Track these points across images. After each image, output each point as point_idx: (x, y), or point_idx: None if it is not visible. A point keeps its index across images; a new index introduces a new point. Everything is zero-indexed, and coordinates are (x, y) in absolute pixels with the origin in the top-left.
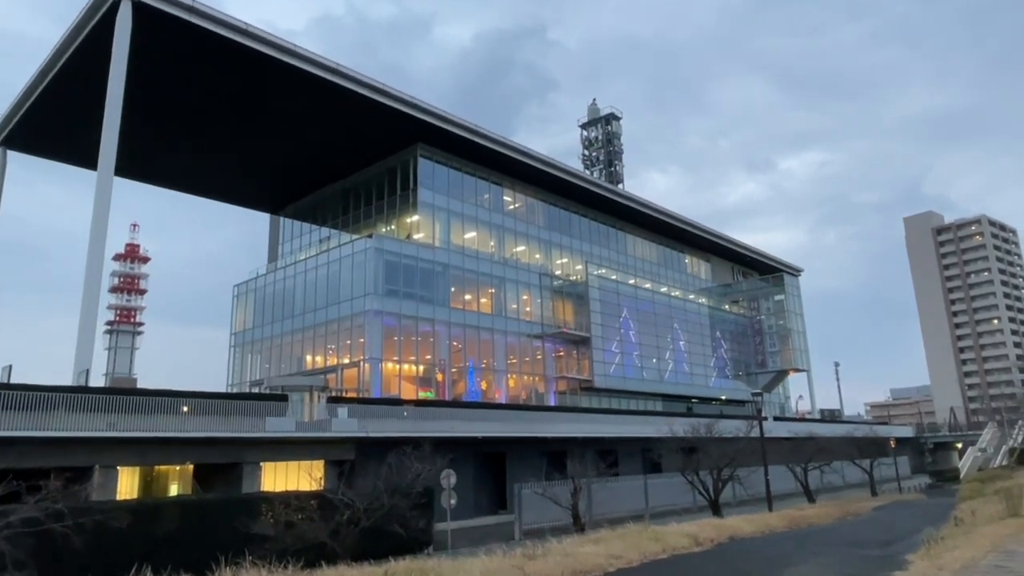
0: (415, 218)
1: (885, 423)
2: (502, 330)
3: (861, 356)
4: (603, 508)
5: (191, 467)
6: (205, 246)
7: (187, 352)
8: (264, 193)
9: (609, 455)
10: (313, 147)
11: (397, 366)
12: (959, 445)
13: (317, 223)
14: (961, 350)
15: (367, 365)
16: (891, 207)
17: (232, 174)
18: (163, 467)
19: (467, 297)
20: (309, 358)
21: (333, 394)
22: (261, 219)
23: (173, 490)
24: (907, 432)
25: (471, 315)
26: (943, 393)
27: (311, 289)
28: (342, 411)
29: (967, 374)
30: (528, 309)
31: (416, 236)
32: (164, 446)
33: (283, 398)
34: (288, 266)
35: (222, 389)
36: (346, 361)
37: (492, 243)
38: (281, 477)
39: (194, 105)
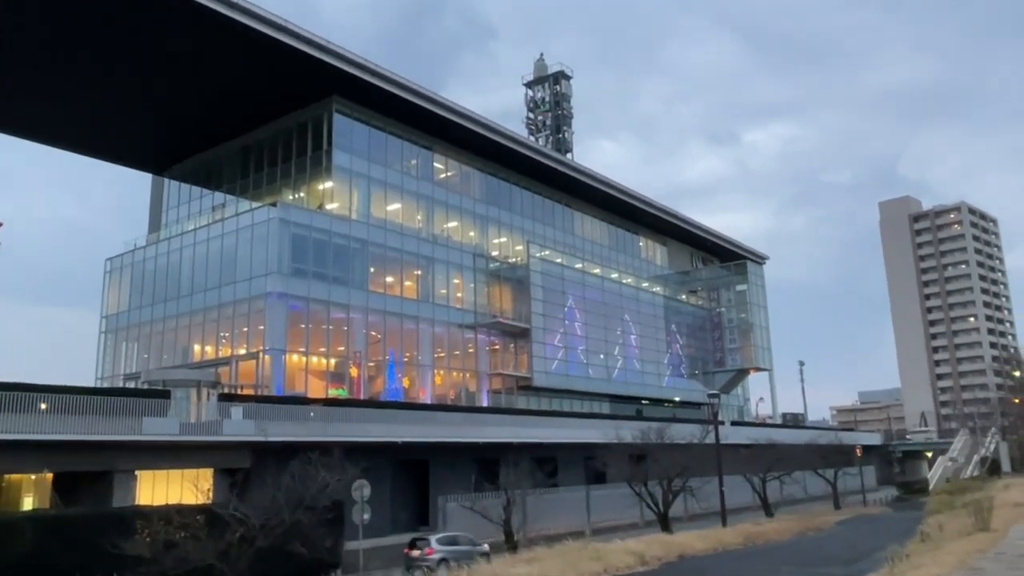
0: (328, 185)
1: (851, 429)
2: (429, 318)
3: (828, 355)
4: (540, 523)
5: (50, 476)
6: (68, 211)
7: (46, 338)
8: (145, 149)
9: (548, 463)
10: (206, 95)
11: (304, 359)
12: (929, 454)
13: (210, 187)
14: (935, 350)
15: (268, 357)
16: (864, 189)
17: (104, 124)
18: (15, 476)
19: (388, 279)
20: (197, 348)
21: (226, 391)
22: (141, 181)
23: (27, 503)
24: (875, 440)
25: (393, 300)
26: (914, 396)
27: (201, 266)
28: (236, 411)
29: (940, 376)
30: (459, 295)
31: (329, 206)
32: (16, 451)
33: (165, 395)
34: (174, 237)
35: (90, 383)
36: (242, 352)
37: (419, 217)
38: (161, 488)
39: (50, 36)
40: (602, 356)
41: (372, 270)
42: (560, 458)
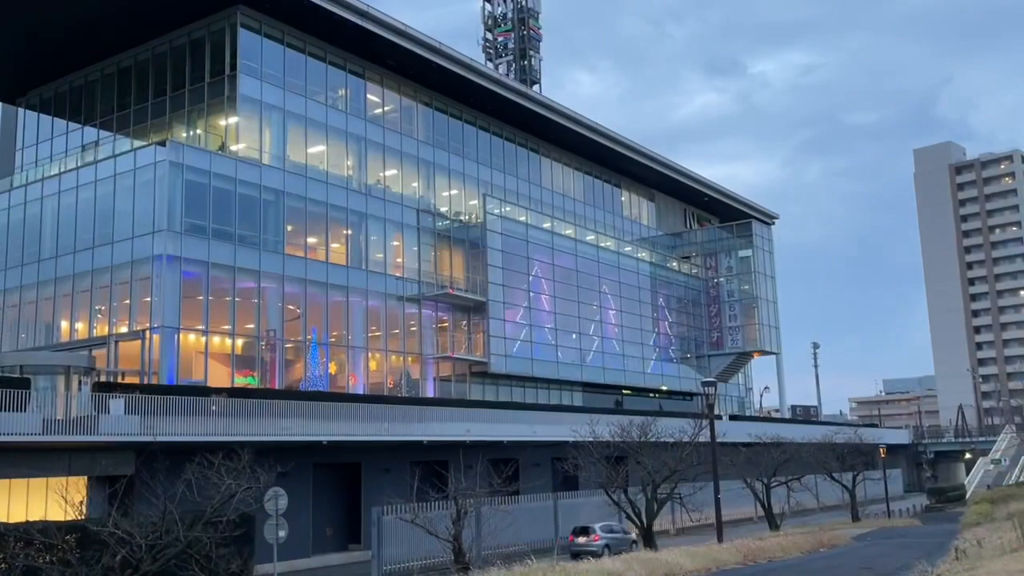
0: (233, 120)
1: (874, 425)
2: (361, 289)
3: (848, 336)
4: (497, 539)
5: None
6: None
7: None
8: None
9: (508, 466)
10: (72, 2)
11: (203, 339)
12: (967, 455)
13: (78, 120)
14: (976, 330)
15: (156, 337)
16: (895, 134)
17: None
18: None
19: (311, 240)
20: (65, 325)
21: (103, 379)
22: None
23: None
24: (902, 438)
25: (316, 267)
26: (951, 386)
27: (68, 221)
28: (117, 404)
29: (982, 362)
30: (399, 260)
31: (234, 147)
32: None
33: (23, 384)
34: (31, 184)
35: None
36: (123, 331)
37: (349, 163)
38: (19, 501)
39: None
40: (574, 336)
41: (289, 228)
42: (523, 460)
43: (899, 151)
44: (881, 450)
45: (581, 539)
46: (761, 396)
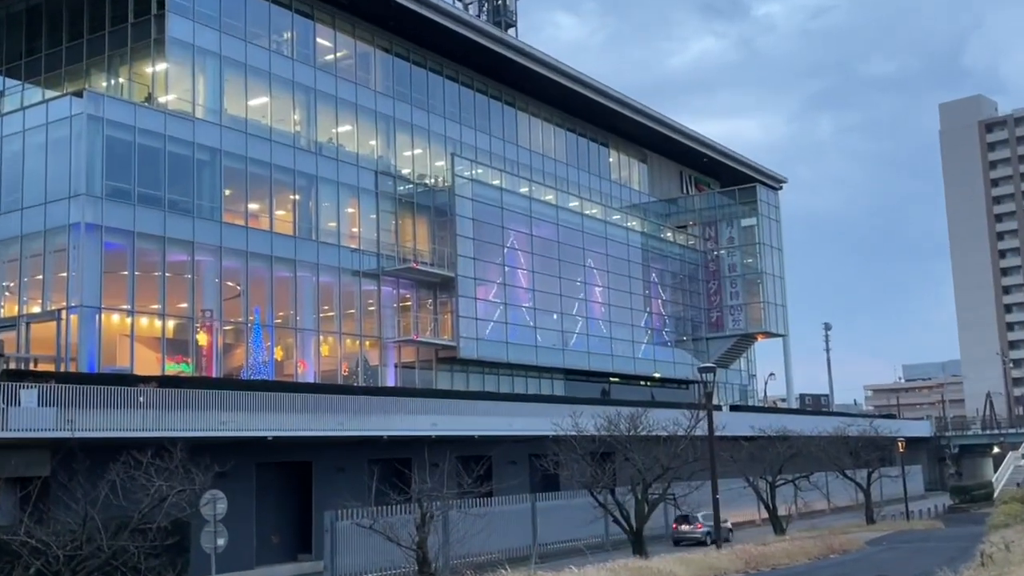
0: (161, 67)
1: (892, 416)
2: (311, 263)
3: (864, 316)
4: (467, 546)
5: None
6: None
7: None
8: None
9: (479, 463)
10: None
11: (128, 320)
12: (995, 450)
13: None
14: (1008, 309)
15: (74, 317)
16: (917, 85)
17: None
18: None
19: (253, 207)
20: None
21: (12, 366)
22: None
23: None
24: (923, 430)
25: (259, 237)
26: (978, 372)
27: None
28: (29, 395)
29: (1014, 345)
30: (355, 230)
31: (164, 98)
32: None
33: None
34: None
35: None
36: (36, 311)
37: (297, 118)
38: None
39: None
40: (555, 316)
41: (228, 193)
42: (496, 457)
43: (922, 106)
44: (899, 444)
45: (684, 527)
46: (766, 384)
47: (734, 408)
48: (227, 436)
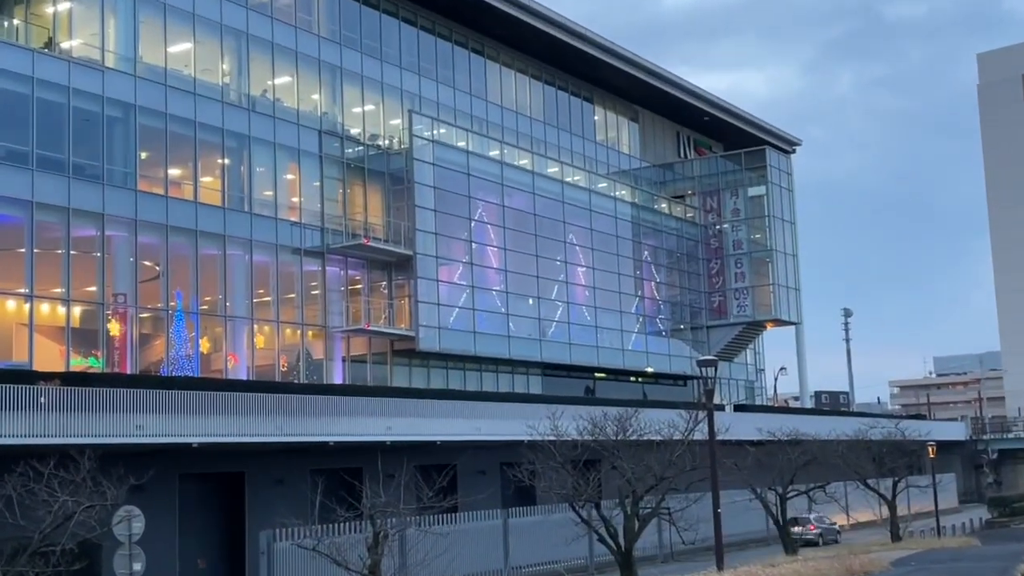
0: (65, 6)
1: (922, 416)
2: (243, 239)
3: (889, 301)
4: (429, 569)
5: None
6: None
7: None
8: None
9: (442, 473)
10: None
11: (25, 306)
12: None
13: None
14: None
15: None
16: (950, 32)
17: None
18: None
19: (174, 173)
20: None
21: None
22: None
23: None
24: (957, 433)
25: (181, 208)
26: (1021, 366)
27: None
28: None
29: None
30: (296, 200)
31: (67, 44)
32: None
33: None
34: None
35: None
36: None
37: (225, 68)
38: None
39: None
40: (531, 302)
41: (144, 156)
42: (462, 466)
43: (957, 56)
44: (930, 449)
45: (797, 528)
46: (776, 379)
47: (739, 408)
48: (144, 443)
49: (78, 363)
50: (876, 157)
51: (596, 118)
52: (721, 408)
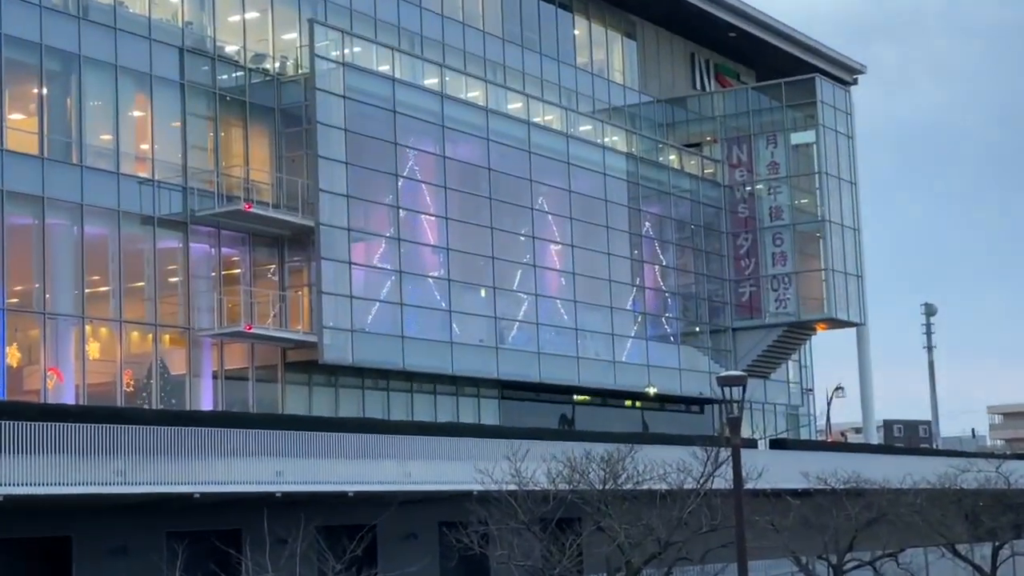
0: None
1: None
2: (70, 203)
3: (987, 292)
4: None
5: None
6: None
7: None
8: None
9: (356, 537)
10: None
11: None
12: None
13: None
14: None
15: None
16: None
17: None
18: None
19: None
20: None
21: None
22: None
23: None
24: None
25: None
26: None
27: None
28: None
29: None
30: (146, 147)
31: None
32: None
33: None
34: None
35: None
36: None
37: None
38: None
39: None
40: (484, 294)
41: None
42: (385, 527)
43: None
44: None
45: None
46: (829, 404)
47: (777, 444)
48: None
49: None
50: (970, 91)
51: (577, 32)
52: (752, 445)
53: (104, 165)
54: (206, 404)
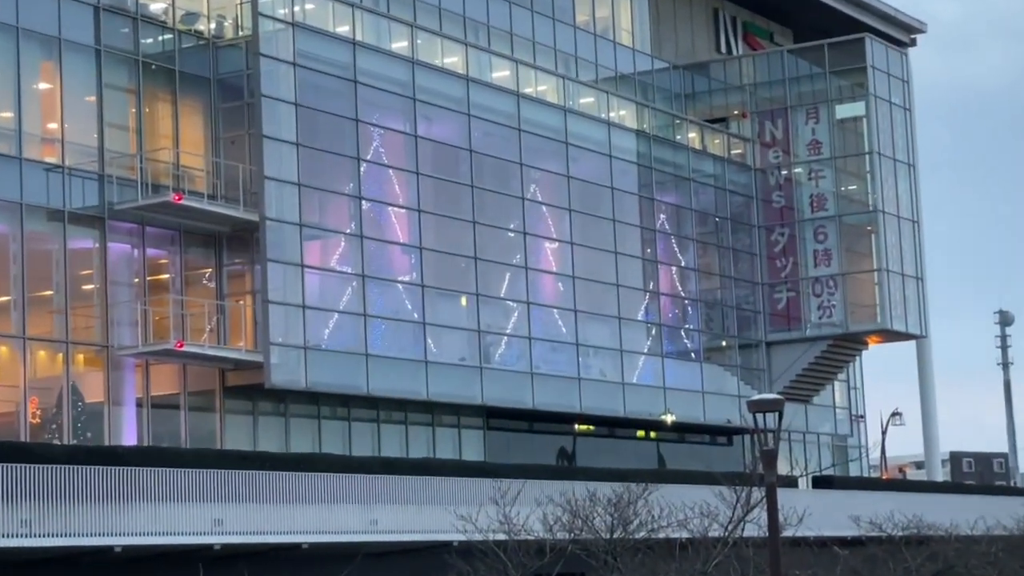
0: None
1: None
2: None
3: None
4: None
5: None
6: None
7: None
8: None
9: None
10: None
11: None
12: None
13: None
14: None
15: None
16: None
17: None
18: None
19: None
20: None
21: None
22: None
23: None
24: None
25: None
26: None
27: None
28: None
29: None
30: (54, 127)
31: None
32: None
33: None
34: None
35: None
36: None
37: None
38: None
39: None
40: (464, 302)
41: None
42: None
43: None
44: None
45: None
46: (884, 433)
47: (822, 482)
48: None
49: None
50: None
51: None
52: (792, 484)
53: (3, 149)
54: (128, 438)
